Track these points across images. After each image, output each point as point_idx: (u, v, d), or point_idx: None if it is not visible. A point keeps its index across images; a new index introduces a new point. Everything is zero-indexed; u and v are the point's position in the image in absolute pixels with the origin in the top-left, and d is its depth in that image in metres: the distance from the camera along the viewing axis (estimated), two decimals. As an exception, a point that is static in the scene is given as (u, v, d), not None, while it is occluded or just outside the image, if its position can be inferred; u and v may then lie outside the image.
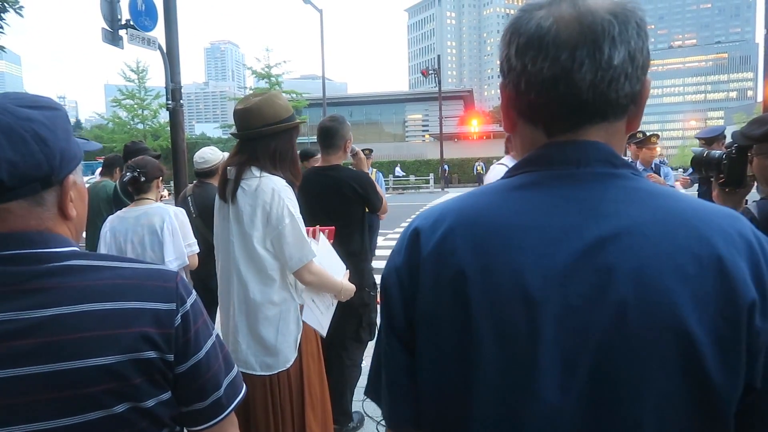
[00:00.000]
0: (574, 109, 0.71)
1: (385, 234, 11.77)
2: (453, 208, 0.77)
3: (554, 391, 0.66)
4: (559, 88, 0.70)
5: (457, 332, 0.71)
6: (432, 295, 0.74)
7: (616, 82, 0.68)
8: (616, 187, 0.69)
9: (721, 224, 0.66)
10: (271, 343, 2.09)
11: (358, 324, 2.97)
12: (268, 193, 2.05)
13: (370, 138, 45.72)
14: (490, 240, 0.71)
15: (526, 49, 0.71)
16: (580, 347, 0.65)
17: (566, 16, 0.69)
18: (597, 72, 0.68)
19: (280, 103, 2.16)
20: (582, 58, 0.67)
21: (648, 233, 0.65)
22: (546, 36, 0.69)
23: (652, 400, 0.63)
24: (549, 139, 0.74)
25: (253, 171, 2.09)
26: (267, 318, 2.08)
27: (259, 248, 2.06)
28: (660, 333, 0.62)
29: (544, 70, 0.69)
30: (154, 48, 7.28)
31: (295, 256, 2.06)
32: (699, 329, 0.62)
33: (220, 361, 0.94)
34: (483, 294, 0.69)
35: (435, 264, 0.73)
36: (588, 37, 0.67)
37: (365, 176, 3.03)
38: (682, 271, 0.63)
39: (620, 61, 0.68)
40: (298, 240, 2.07)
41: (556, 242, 0.67)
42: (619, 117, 0.72)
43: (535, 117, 0.75)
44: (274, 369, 2.11)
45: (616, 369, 0.64)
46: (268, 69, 29.57)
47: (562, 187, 0.71)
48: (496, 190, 0.76)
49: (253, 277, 2.09)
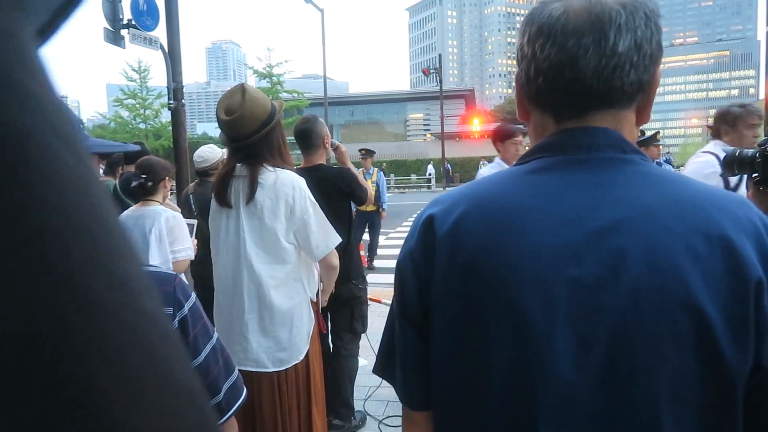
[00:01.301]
0: (580, 94, 0.73)
1: (387, 233, 11.77)
2: (467, 193, 0.79)
3: (569, 369, 0.67)
4: (564, 74, 0.72)
5: (472, 312, 0.73)
6: (447, 276, 0.75)
7: (621, 69, 0.70)
8: (626, 172, 0.71)
9: (729, 207, 0.68)
10: (285, 338, 2.10)
11: (351, 316, 3.02)
12: (288, 186, 2.08)
13: (372, 137, 45.71)
14: (504, 222, 0.72)
15: (536, 37, 0.74)
16: (594, 326, 0.67)
17: (577, 6, 0.71)
18: (601, 58, 0.70)
19: (261, 96, 2.16)
20: (587, 44, 0.70)
21: (659, 215, 0.67)
22: (555, 24, 0.72)
23: (666, 376, 0.65)
24: (558, 126, 0.77)
25: (267, 167, 2.12)
26: (282, 313, 2.09)
27: (284, 241, 2.09)
28: (673, 310, 0.64)
29: (552, 56, 0.72)
30: (155, 47, 7.29)
31: (321, 243, 2.12)
32: (710, 306, 0.64)
33: (220, 365, 0.93)
34: (497, 274, 0.71)
35: (450, 246, 0.75)
36: (595, 24, 0.69)
37: (347, 172, 3.04)
38: (692, 250, 0.65)
39: (625, 49, 0.69)
40: (322, 228, 2.13)
41: (570, 223, 0.69)
42: (625, 105, 0.74)
43: (544, 103, 0.77)
44: (287, 363, 2.12)
45: (631, 347, 0.65)
46: (269, 68, 29.54)
47: (575, 172, 0.73)
48: (509, 175, 0.78)
49: (268, 272, 2.09)
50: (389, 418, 3.27)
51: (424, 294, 0.79)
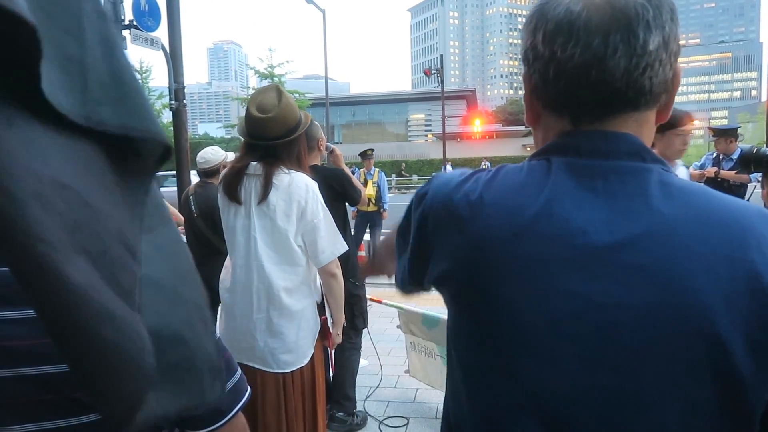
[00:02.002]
0: (606, 97, 0.67)
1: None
2: (484, 179, 0.74)
3: (571, 389, 0.64)
4: (591, 76, 0.66)
5: (473, 309, 0.72)
6: (459, 255, 0.72)
7: (651, 69, 0.65)
8: (646, 183, 0.66)
9: (754, 224, 0.63)
10: (292, 340, 2.10)
11: (351, 314, 3.04)
12: (302, 188, 2.08)
13: (373, 138, 45.72)
14: (517, 224, 0.68)
15: (554, 36, 0.67)
16: (602, 346, 0.63)
17: (598, 0, 0.65)
18: (632, 58, 0.64)
19: (293, 103, 2.17)
20: (616, 43, 0.64)
21: (680, 232, 0.62)
22: (576, 21, 0.65)
23: (678, 404, 0.61)
24: (575, 129, 0.71)
25: (283, 168, 2.12)
26: (291, 314, 2.09)
27: (294, 243, 2.09)
28: (690, 336, 0.60)
29: (576, 56, 0.66)
30: (157, 48, 7.30)
31: (327, 249, 2.11)
32: (731, 333, 0.59)
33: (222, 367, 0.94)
34: (502, 280, 0.68)
35: (471, 225, 0.71)
36: (621, 21, 0.64)
37: (341, 173, 3.07)
38: (714, 273, 0.60)
39: (655, 47, 0.64)
40: (330, 233, 2.12)
41: (583, 235, 0.64)
42: (650, 107, 0.69)
43: (563, 106, 0.72)
44: (292, 366, 2.11)
45: (642, 371, 0.62)
46: (271, 69, 29.55)
47: (592, 179, 0.67)
48: (523, 172, 0.72)
49: (278, 273, 2.09)
50: (390, 419, 3.27)
51: (428, 241, 0.77)
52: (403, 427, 3.21)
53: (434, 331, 3.19)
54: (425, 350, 3.33)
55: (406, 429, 3.19)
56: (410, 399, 3.54)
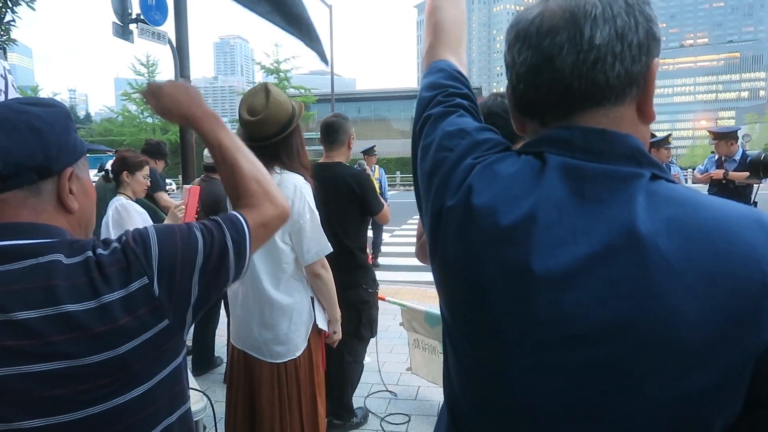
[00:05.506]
0: (562, 94, 0.69)
1: (392, 230, 11.77)
2: (483, 163, 0.77)
3: (537, 396, 0.66)
4: (543, 75, 0.69)
5: (456, 296, 0.76)
6: (455, 239, 0.74)
7: (603, 62, 0.66)
8: (635, 191, 0.63)
9: (746, 237, 0.59)
10: (283, 332, 2.14)
11: (358, 321, 2.98)
12: (290, 189, 2.10)
13: (378, 134, 45.64)
14: (497, 226, 0.69)
15: (514, 43, 0.73)
16: (570, 357, 0.62)
17: (553, 6, 0.69)
18: (578, 53, 0.66)
19: (284, 100, 2.19)
20: (562, 42, 0.67)
21: (661, 247, 0.59)
22: (530, 27, 0.70)
23: (643, 419, 0.61)
24: (568, 123, 0.72)
25: (276, 168, 2.15)
26: (282, 308, 2.13)
27: (279, 241, 2.12)
28: (662, 354, 0.58)
29: (528, 59, 0.70)
30: (164, 42, 7.30)
31: (312, 249, 2.14)
32: (706, 355, 0.57)
33: (219, 235, 0.97)
34: (479, 282, 0.70)
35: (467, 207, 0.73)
36: (570, 21, 0.67)
37: (365, 176, 3.05)
38: (693, 291, 0.57)
39: (604, 40, 0.65)
40: (316, 234, 2.15)
41: (563, 244, 0.64)
42: (617, 102, 0.68)
43: (530, 109, 0.75)
44: (284, 357, 2.15)
45: (607, 384, 0.61)
46: (277, 64, 29.58)
47: (581, 183, 0.66)
48: (514, 167, 0.73)
49: (267, 270, 2.14)
50: (391, 416, 3.28)
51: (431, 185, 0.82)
52: (404, 424, 3.21)
53: (437, 328, 3.19)
54: (428, 347, 3.34)
55: (408, 426, 3.19)
56: (412, 396, 3.55)
